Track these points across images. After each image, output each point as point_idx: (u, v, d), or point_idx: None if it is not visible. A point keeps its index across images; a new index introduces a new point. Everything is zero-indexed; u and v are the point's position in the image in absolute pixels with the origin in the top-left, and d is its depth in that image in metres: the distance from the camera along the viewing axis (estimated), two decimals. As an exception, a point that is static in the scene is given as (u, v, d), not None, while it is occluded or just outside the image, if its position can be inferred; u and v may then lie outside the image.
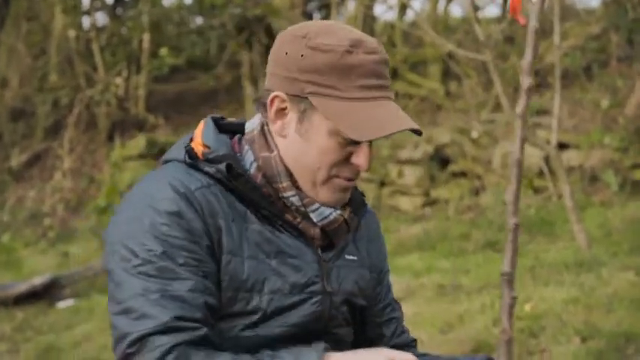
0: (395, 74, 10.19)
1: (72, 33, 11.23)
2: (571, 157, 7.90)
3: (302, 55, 1.61)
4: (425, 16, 9.99)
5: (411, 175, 8.66)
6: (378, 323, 1.89)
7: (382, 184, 8.85)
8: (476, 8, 9.29)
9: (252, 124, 1.74)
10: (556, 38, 6.51)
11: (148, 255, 1.58)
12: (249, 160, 1.69)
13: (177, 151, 1.72)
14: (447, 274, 6.01)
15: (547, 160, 7.62)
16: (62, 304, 6.83)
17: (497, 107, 8.72)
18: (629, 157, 7.66)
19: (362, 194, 1.83)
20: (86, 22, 11.89)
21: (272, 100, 1.65)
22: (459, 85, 9.69)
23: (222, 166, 1.64)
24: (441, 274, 6.02)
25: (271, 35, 10.80)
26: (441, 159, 8.70)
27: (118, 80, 11.21)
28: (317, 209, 1.68)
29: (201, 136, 1.71)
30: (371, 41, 1.64)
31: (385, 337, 1.89)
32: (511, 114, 7.50)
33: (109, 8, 12.27)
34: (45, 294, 6.89)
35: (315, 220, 1.69)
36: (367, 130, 1.60)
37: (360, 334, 1.85)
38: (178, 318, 1.55)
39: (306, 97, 1.62)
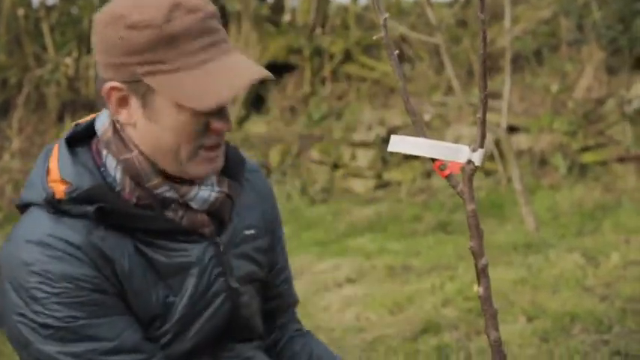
0: (348, 57, 10.19)
1: (21, 12, 11.03)
2: (521, 140, 8.00)
3: (121, 38, 1.48)
4: (378, -2, 9.99)
5: (364, 158, 8.69)
6: (274, 283, 1.86)
7: (335, 166, 8.87)
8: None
9: (102, 123, 1.61)
10: (507, 22, 6.56)
11: (60, 322, 1.49)
12: (111, 166, 1.57)
13: (36, 193, 1.56)
14: (398, 255, 6.05)
15: (497, 143, 7.70)
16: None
17: (450, 90, 8.78)
18: (578, 141, 7.77)
19: (239, 153, 1.74)
20: (35, 0, 11.68)
21: (108, 93, 1.53)
22: (412, 68, 9.73)
23: (92, 210, 1.51)
24: (392, 255, 6.07)
25: (225, 17, 10.73)
26: (393, 142, 8.74)
27: (68, 60, 11.05)
28: (195, 196, 1.60)
29: (58, 170, 1.55)
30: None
31: (281, 297, 1.89)
32: (463, 97, 7.57)
33: (59, -13, 12.07)
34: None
35: (196, 207, 1.61)
36: (209, 96, 1.48)
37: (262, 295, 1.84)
38: None
39: (141, 80, 1.50)
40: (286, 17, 10.87)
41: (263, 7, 10.94)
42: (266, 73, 1.52)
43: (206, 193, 1.62)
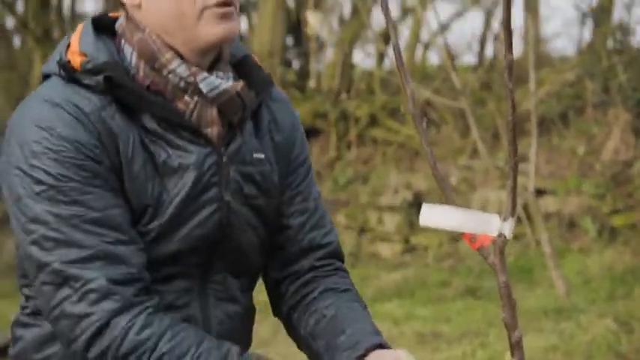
0: (374, 121, 10.25)
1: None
2: (548, 203, 7.95)
3: None
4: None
5: (391, 222, 8.67)
6: (283, 213, 1.78)
7: (362, 230, 8.85)
8: (452, 57, 9.40)
9: (120, 22, 1.68)
10: (532, 85, 6.58)
11: (52, 180, 1.52)
12: (128, 52, 1.63)
13: (54, 64, 1.63)
14: (427, 321, 5.98)
15: (525, 206, 7.65)
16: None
17: (475, 153, 8.78)
18: (607, 204, 7.71)
19: (269, 77, 1.75)
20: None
21: None
22: (437, 131, 9.75)
23: (101, 79, 1.56)
24: (421, 321, 6.00)
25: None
26: (419, 205, 8.70)
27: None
28: (205, 78, 1.62)
29: (79, 43, 1.62)
30: None
31: (291, 230, 1.79)
32: (489, 160, 7.56)
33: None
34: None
35: (204, 90, 1.61)
36: None
37: (266, 228, 1.76)
38: (105, 246, 1.52)
39: None
40: (312, 83, 10.99)
41: (289, 73, 11.07)
42: None
43: (217, 81, 1.63)
